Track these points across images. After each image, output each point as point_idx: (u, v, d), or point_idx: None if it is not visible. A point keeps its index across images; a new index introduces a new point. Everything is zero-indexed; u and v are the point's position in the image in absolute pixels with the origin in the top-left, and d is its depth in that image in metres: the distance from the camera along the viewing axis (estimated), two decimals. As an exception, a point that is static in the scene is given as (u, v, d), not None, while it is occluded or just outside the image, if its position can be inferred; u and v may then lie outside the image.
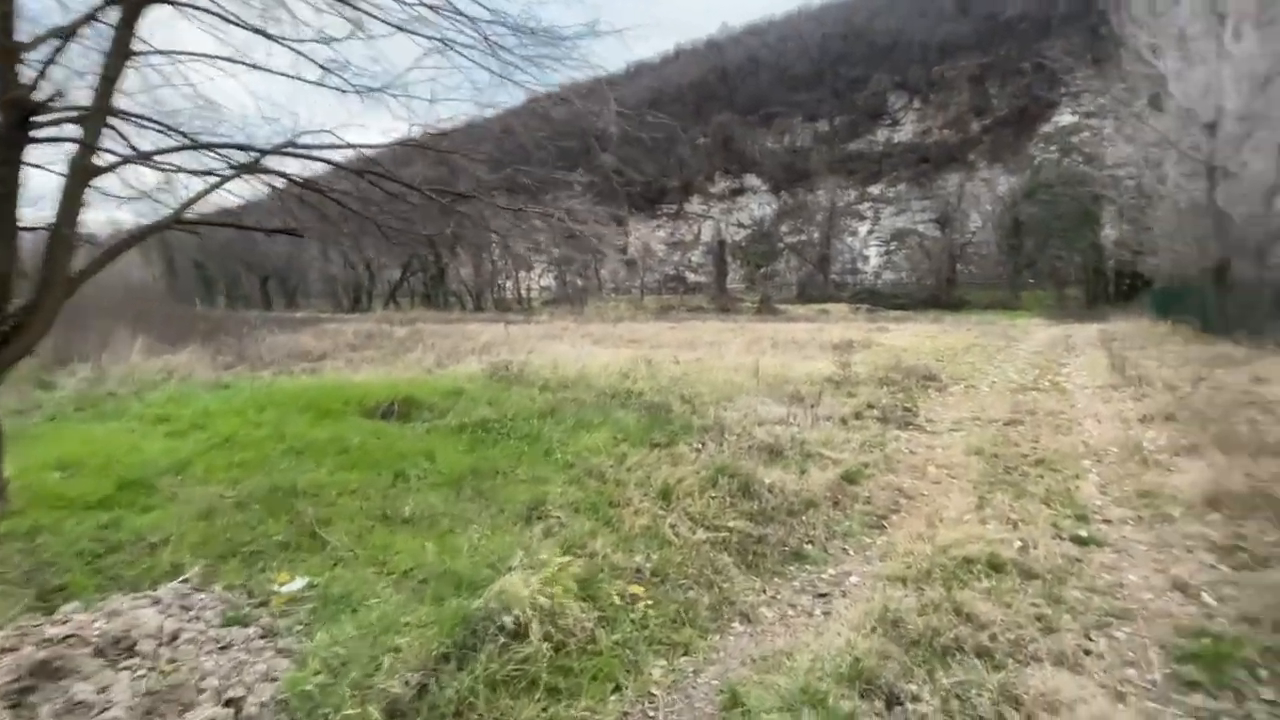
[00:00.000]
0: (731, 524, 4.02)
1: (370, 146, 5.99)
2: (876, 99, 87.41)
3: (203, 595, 2.80)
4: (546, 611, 2.52)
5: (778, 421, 6.95)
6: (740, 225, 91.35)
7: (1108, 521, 4.17)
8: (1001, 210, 57.70)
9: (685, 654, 2.68)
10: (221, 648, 2.40)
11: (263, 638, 2.53)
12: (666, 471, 4.86)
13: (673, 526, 3.88)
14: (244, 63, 4.30)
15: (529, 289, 78.35)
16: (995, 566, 3.33)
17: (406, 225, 7.70)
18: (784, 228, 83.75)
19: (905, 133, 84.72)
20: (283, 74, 4.59)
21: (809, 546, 3.86)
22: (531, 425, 6.36)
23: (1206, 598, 3.03)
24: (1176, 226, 19.67)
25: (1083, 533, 3.91)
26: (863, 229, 79.75)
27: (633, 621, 2.80)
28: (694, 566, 3.41)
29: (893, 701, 2.18)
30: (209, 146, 4.58)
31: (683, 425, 6.51)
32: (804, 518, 4.23)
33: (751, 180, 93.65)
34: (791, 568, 3.61)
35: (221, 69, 4.80)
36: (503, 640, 2.39)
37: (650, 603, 2.98)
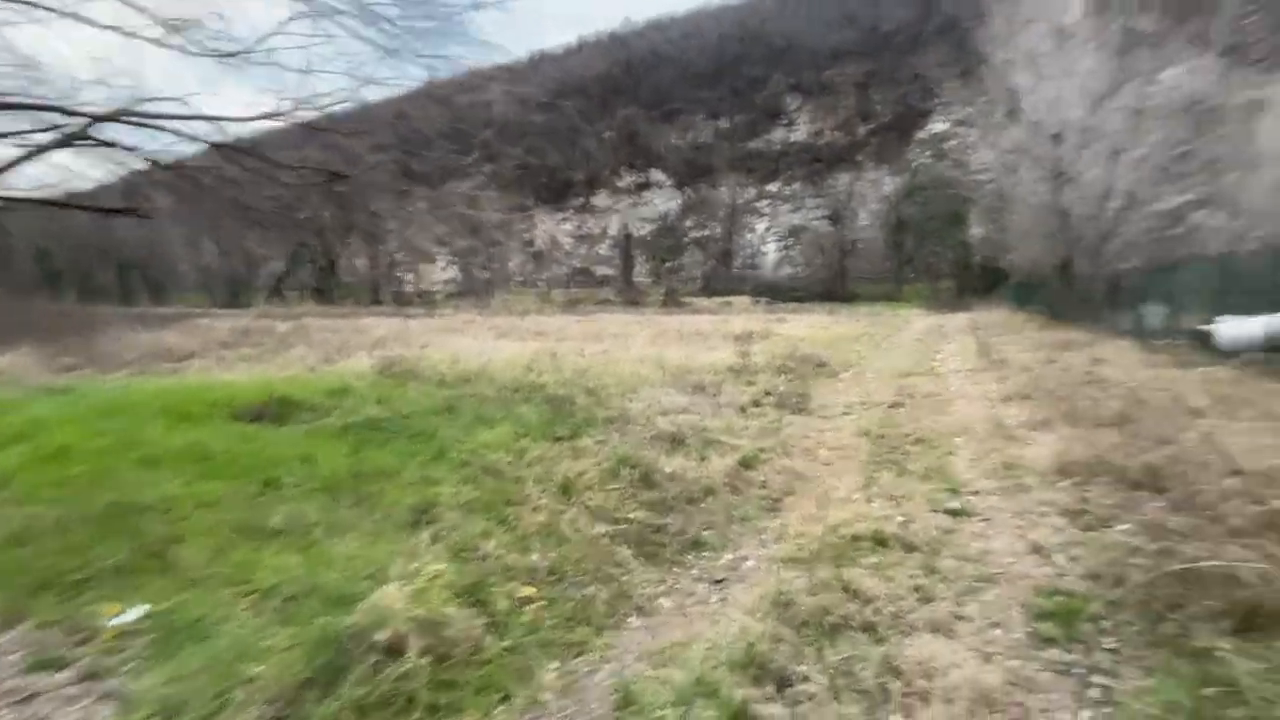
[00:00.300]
0: (632, 515, 3.96)
1: (226, 119, 5.37)
2: (774, 100, 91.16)
3: (1, 639, 2.35)
4: (427, 623, 2.32)
5: (681, 411, 7.00)
6: (646, 220, 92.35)
7: (976, 493, 4.51)
8: (886, 209, 62.12)
9: (580, 654, 2.58)
10: (22, 700, 2.01)
11: (81, 682, 2.15)
12: (568, 465, 4.73)
13: (572, 522, 3.77)
14: (47, 6, 3.67)
15: (431, 282, 75.14)
16: (880, 542, 3.49)
17: (281, 210, 7.05)
18: (688, 222, 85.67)
19: (800, 133, 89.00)
20: (110, 27, 3.97)
21: (708, 533, 3.88)
22: (426, 423, 6.00)
23: (1058, 559, 3.33)
24: (1029, 226, 21.96)
25: (955, 505, 4.19)
26: (761, 225, 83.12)
27: (524, 625, 2.66)
28: (592, 562, 3.32)
29: (784, 684, 2.19)
30: (16, 107, 3.89)
31: (586, 418, 6.40)
32: (703, 505, 4.25)
33: (657, 175, 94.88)
34: (690, 556, 3.61)
35: (36, 19, 4.10)
36: (376, 659, 2.18)
37: (544, 603, 2.85)
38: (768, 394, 8.20)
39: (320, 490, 4.15)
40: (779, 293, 56.39)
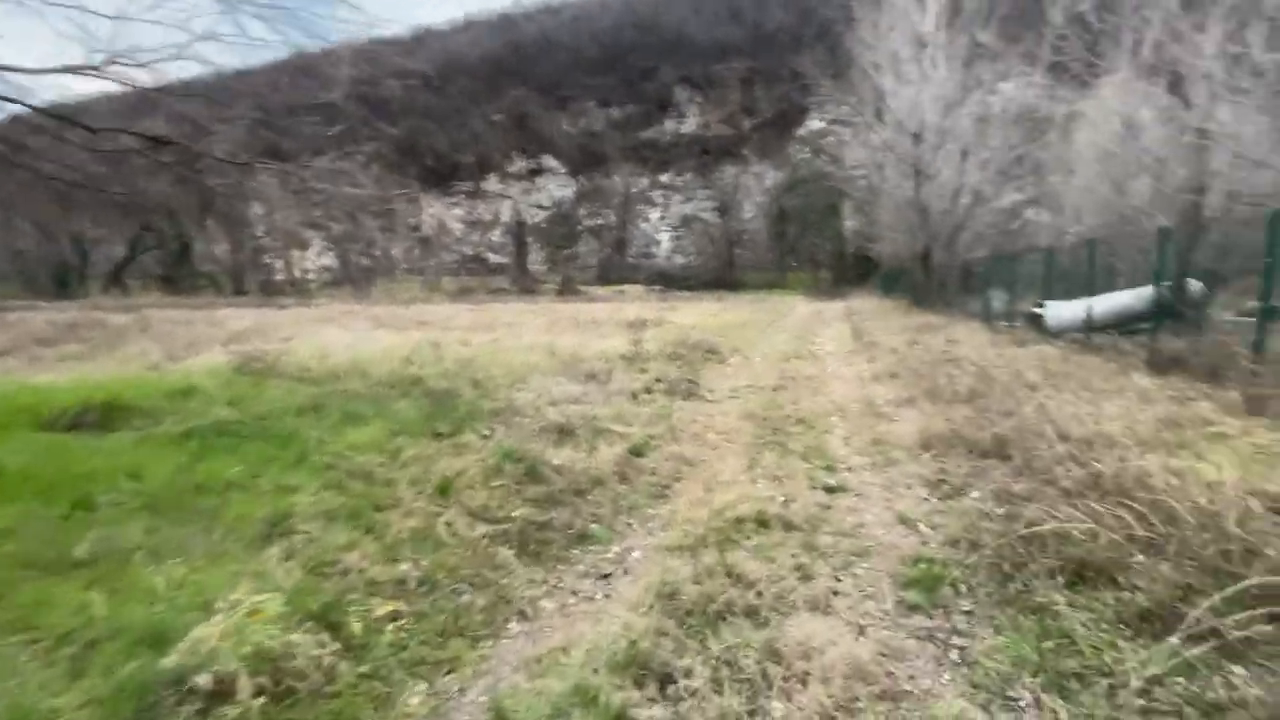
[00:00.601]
0: (516, 513, 3.76)
1: (15, 70, 4.46)
2: (665, 91, 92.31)
3: None
4: (263, 656, 2.01)
5: (572, 400, 6.84)
6: (540, 207, 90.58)
7: (850, 469, 4.74)
8: (769, 201, 65.11)
9: (451, 671, 2.37)
10: None
11: None
12: (447, 464, 4.43)
13: (449, 525, 3.50)
14: None
15: (303, 270, 69.12)
16: (763, 523, 3.55)
17: (101, 185, 6.10)
18: (583, 211, 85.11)
19: (689, 125, 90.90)
20: None
21: (595, 526, 3.76)
22: (285, 425, 5.41)
23: (923, 528, 3.55)
24: (894, 219, 23.85)
25: (832, 482, 4.38)
26: (655, 214, 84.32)
27: (388, 645, 2.40)
28: (470, 567, 3.09)
29: (666, 682, 2.12)
30: None
31: (471, 411, 6.06)
32: (591, 496, 4.13)
33: (549, 162, 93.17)
34: (576, 551, 3.47)
35: None
36: (198, 706, 1.85)
37: (412, 618, 2.60)
38: (659, 381, 8.23)
39: (145, 509, 3.57)
40: (672, 281, 57.62)
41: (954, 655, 2.34)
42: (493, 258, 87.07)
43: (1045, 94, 21.02)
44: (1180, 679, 1.89)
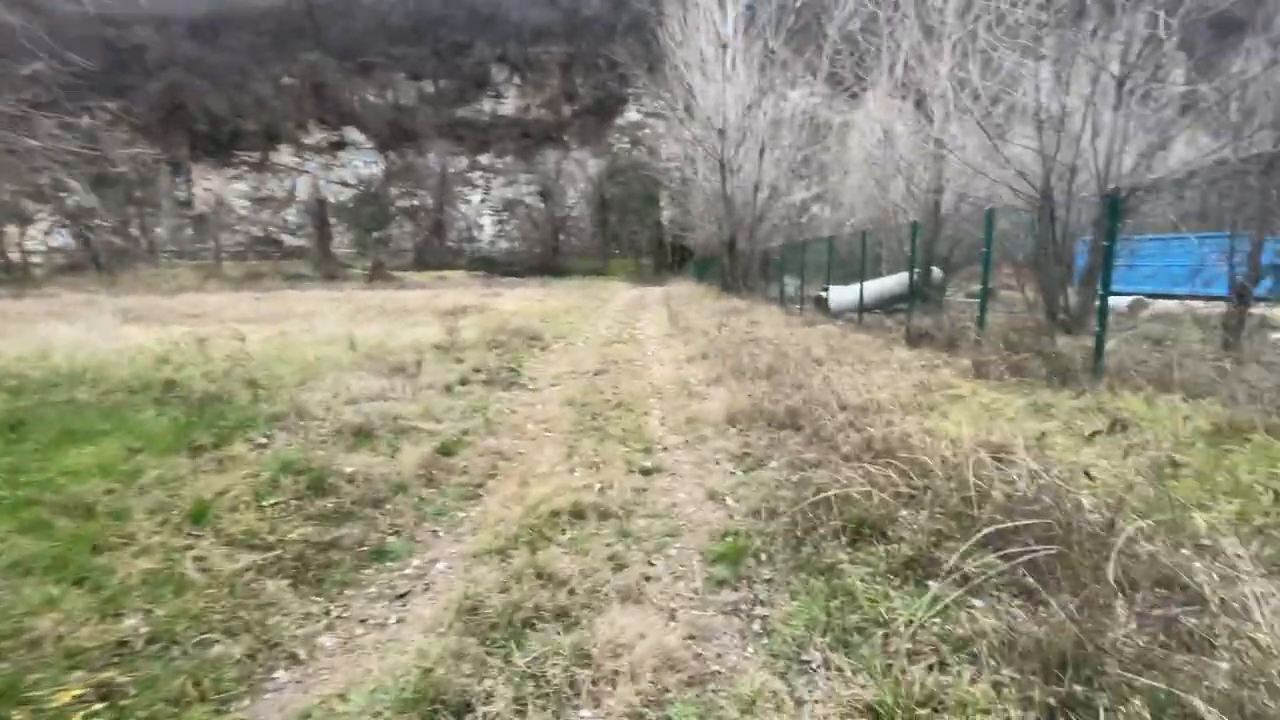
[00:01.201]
0: (294, 535, 3.21)
1: None
2: (481, 69, 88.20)
3: None
4: None
5: (373, 397, 6.16)
6: (345, 184, 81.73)
7: (665, 448, 4.85)
8: (592, 189, 65.84)
9: (187, 749, 1.89)
10: None
11: None
12: (205, 484, 3.67)
13: (199, 560, 2.87)
14: None
15: (26, 251, 54.90)
16: (578, 514, 3.43)
17: None
18: (395, 190, 78.52)
19: (509, 107, 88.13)
20: None
21: (394, 539, 3.36)
22: (-40, 452, 4.13)
23: (729, 501, 3.70)
24: (704, 209, 25.42)
25: (648, 464, 4.42)
26: (476, 197, 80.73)
27: (89, 735, 1.85)
28: (225, 609, 2.54)
29: (463, 712, 1.89)
30: None
31: (245, 418, 5.14)
32: (391, 505, 3.70)
33: (354, 135, 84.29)
34: (369, 571, 3.06)
35: None
36: None
37: (134, 688, 2.04)
38: (477, 371, 7.79)
39: None
40: (496, 266, 55.81)
41: (756, 626, 2.43)
42: (289, 240, 76.77)
43: (825, 103, 23.79)
44: (937, 620, 2.12)
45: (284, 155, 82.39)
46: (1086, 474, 2.62)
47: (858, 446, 3.81)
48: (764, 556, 2.95)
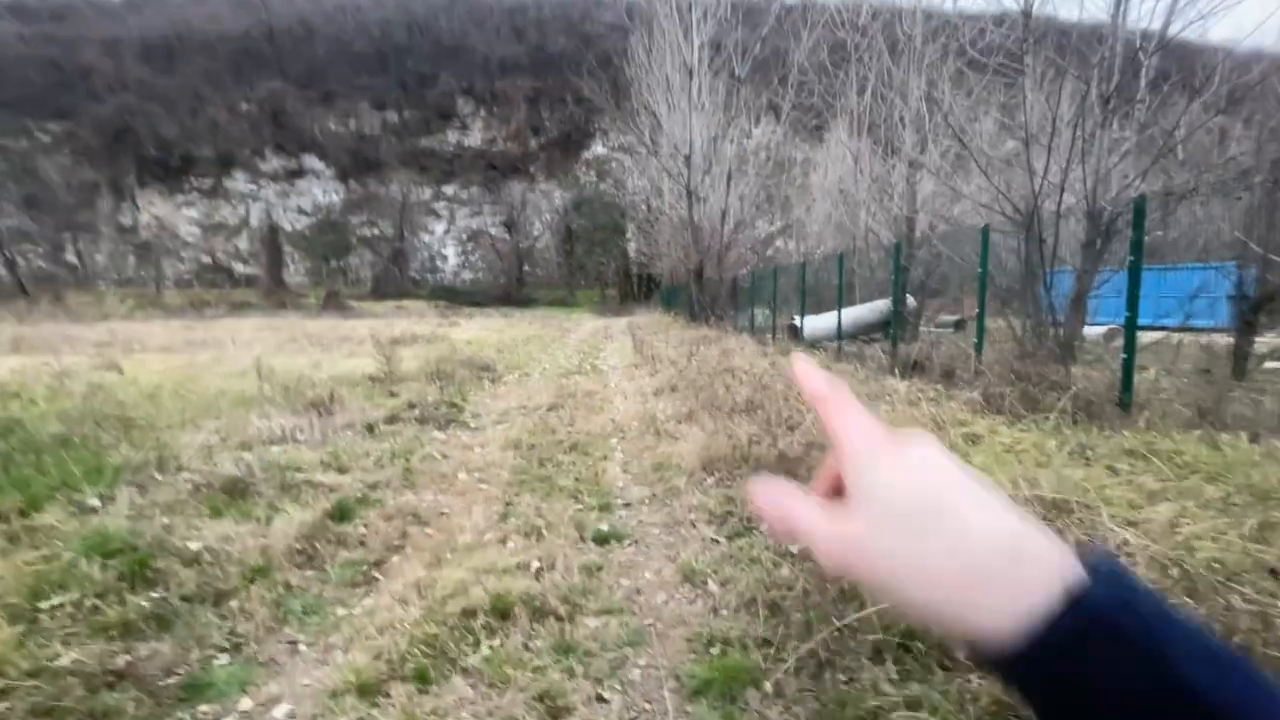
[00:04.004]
0: (62, 662, 2.11)
1: None
2: (446, 100, 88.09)
3: None
4: None
5: (273, 440, 5.05)
6: (302, 212, 79.67)
7: (628, 505, 3.88)
8: (557, 220, 65.53)
9: None
10: None
11: None
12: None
13: None
14: None
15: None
16: (502, 613, 2.44)
17: None
18: (355, 219, 76.76)
19: (474, 138, 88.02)
20: None
21: (222, 659, 2.29)
22: None
23: (712, 585, 2.75)
24: (671, 237, 24.91)
25: (604, 527, 3.45)
26: (439, 227, 79.58)
27: None
28: None
29: None
30: None
31: (90, 468, 3.98)
32: (236, 601, 2.62)
33: (313, 162, 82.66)
34: (167, 722, 1.98)
35: None
36: None
37: None
38: (411, 406, 6.71)
39: None
40: (459, 297, 54.42)
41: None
42: (240, 268, 74.02)
43: (787, 141, 23.85)
44: None
45: (239, 182, 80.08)
46: (1274, 573, 1.76)
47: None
48: (769, 688, 2.00)
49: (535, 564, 2.89)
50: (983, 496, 0.29)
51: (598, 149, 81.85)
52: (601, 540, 3.27)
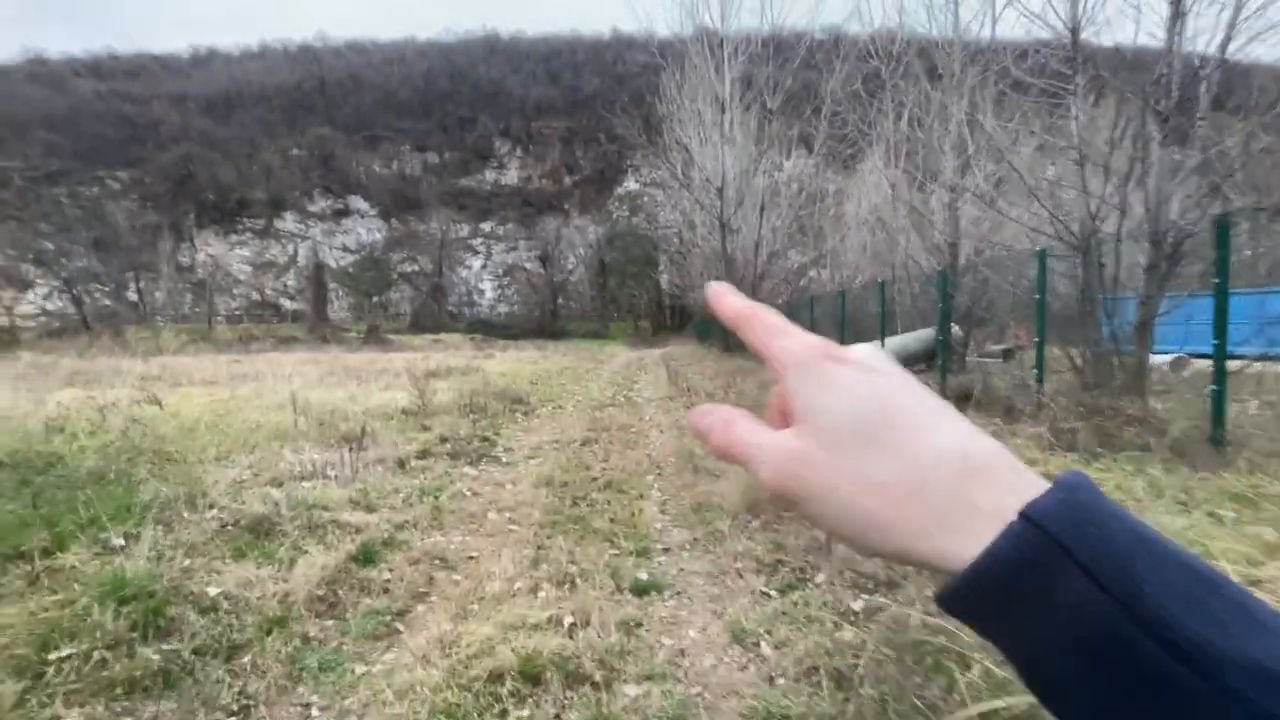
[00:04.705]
0: (61, 723, 1.95)
1: None
2: (484, 141, 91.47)
3: None
4: None
5: (303, 476, 4.96)
6: (346, 250, 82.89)
7: (667, 550, 3.61)
8: (591, 254, 66.44)
9: None
10: None
11: None
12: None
13: None
14: None
15: (16, 314, 54.48)
16: (532, 677, 2.19)
17: None
18: (396, 256, 79.42)
19: (511, 177, 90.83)
20: None
21: (229, 726, 2.09)
22: None
23: (765, 647, 2.45)
24: (704, 268, 24.83)
25: (643, 575, 3.18)
26: (477, 263, 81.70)
27: None
28: None
29: None
30: None
31: (117, 507, 3.92)
32: (250, 654, 2.43)
33: (358, 203, 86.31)
34: (160, 802, 1.79)
35: None
36: None
37: None
38: (443, 440, 6.60)
39: None
40: (494, 329, 55.28)
41: None
42: (287, 304, 76.99)
43: (819, 173, 23.72)
44: None
45: (288, 222, 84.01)
46: None
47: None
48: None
49: (569, 618, 2.64)
50: (936, 408, 0.27)
51: (630, 184, 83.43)
52: (640, 591, 3.01)
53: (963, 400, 7.11)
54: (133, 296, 67.03)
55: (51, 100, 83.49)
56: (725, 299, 0.33)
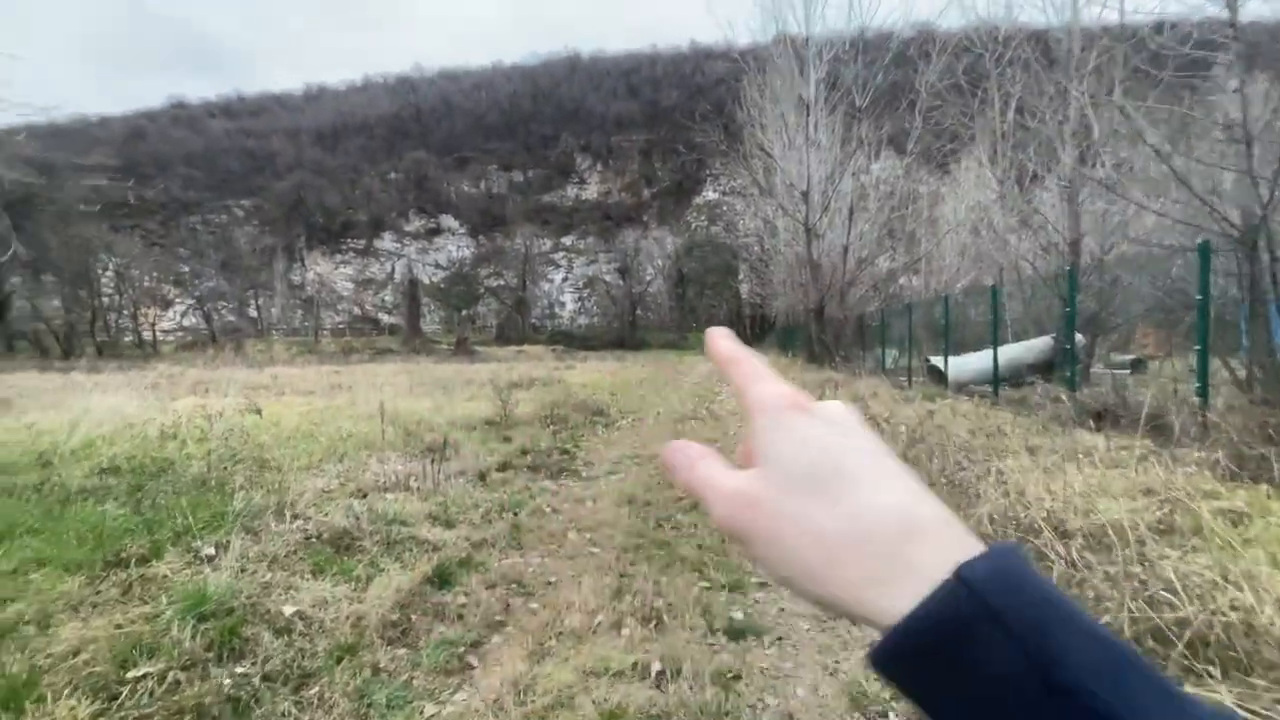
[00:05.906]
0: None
1: None
2: (566, 158, 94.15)
3: None
4: None
5: (386, 487, 4.94)
6: (438, 266, 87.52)
7: (764, 585, 3.22)
8: (669, 265, 66.45)
9: None
10: None
11: None
12: (70, 631, 2.44)
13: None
14: None
15: (160, 330, 61.28)
16: (615, 741, 1.88)
17: None
18: (483, 271, 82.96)
19: (591, 191, 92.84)
20: None
21: (290, 772, 1.92)
22: None
23: (893, 717, 2.02)
24: (787, 276, 24.00)
25: (738, 614, 2.81)
26: (558, 276, 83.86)
27: None
28: None
29: None
30: None
31: (209, 514, 4.01)
32: (319, 685, 2.28)
33: (449, 221, 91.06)
34: None
35: None
36: None
37: None
38: (524, 452, 6.50)
39: None
40: (574, 341, 56.29)
41: None
42: (385, 318, 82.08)
43: (909, 174, 22.37)
44: None
45: (386, 241, 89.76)
46: None
47: (1129, 615, 2.07)
48: None
49: (655, 664, 2.32)
50: (888, 468, 0.28)
51: (708, 194, 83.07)
52: (736, 634, 2.64)
53: (1096, 418, 6.21)
54: (252, 313, 73.60)
55: (189, 140, 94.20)
56: (719, 342, 0.34)
